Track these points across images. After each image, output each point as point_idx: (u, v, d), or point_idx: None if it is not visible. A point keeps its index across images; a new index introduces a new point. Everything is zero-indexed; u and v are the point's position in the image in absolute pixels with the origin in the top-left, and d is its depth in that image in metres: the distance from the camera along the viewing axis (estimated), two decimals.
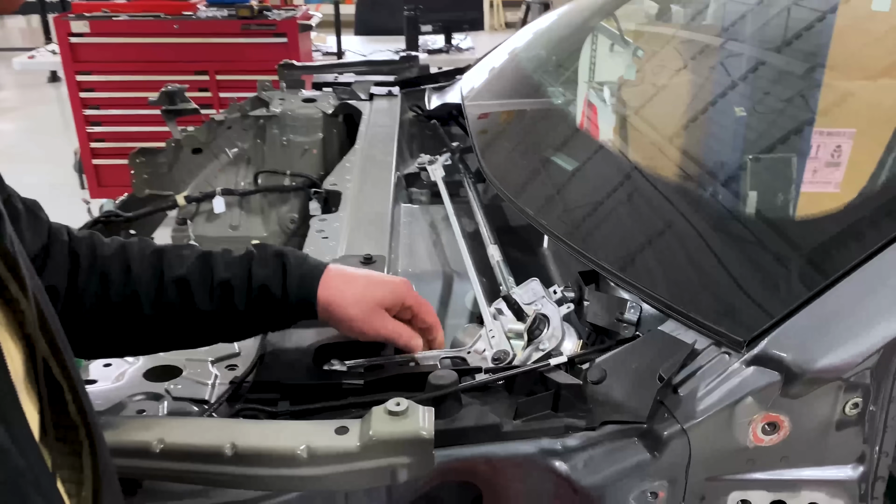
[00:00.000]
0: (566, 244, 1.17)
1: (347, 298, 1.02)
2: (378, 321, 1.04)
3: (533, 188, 1.44)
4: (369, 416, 0.87)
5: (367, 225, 1.47)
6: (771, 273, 0.98)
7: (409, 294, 1.08)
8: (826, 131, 1.29)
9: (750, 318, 0.93)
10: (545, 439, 0.93)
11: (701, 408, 0.89)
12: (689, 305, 0.97)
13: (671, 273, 1.08)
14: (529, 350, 1.06)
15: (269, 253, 1.03)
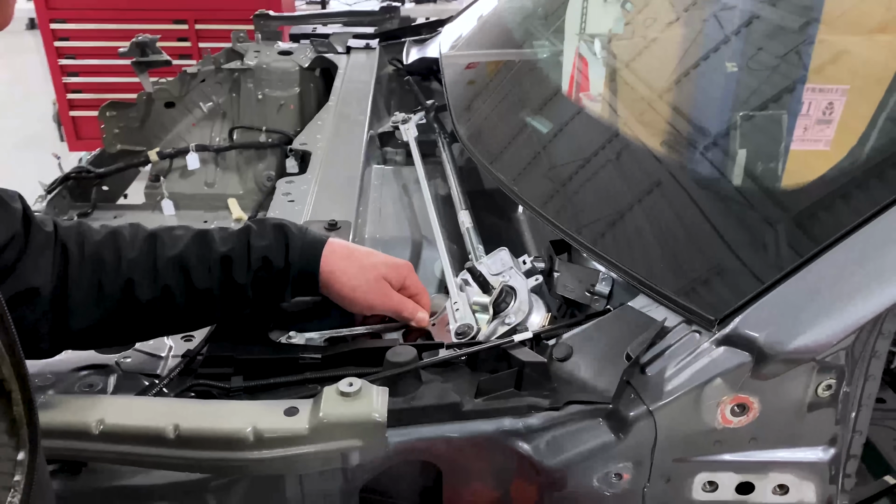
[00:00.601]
0: (537, 213, 1.12)
1: (353, 269, 1.00)
2: (383, 293, 1.02)
3: (507, 152, 1.38)
4: (320, 396, 0.84)
5: (336, 188, 1.42)
6: (745, 249, 0.93)
7: (410, 276, 1.06)
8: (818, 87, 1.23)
9: (722, 296, 0.89)
10: (507, 419, 0.90)
11: (668, 389, 0.85)
12: (661, 281, 0.93)
13: (643, 246, 1.03)
14: (495, 324, 1.02)
15: (268, 225, 1.00)
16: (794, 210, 0.96)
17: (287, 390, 0.95)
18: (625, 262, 0.97)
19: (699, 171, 1.11)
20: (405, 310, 1.04)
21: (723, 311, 0.85)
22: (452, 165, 1.49)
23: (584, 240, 1.03)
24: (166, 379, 0.97)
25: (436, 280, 1.27)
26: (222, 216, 2.39)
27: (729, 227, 0.95)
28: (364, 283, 1.00)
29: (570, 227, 1.06)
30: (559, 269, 1.09)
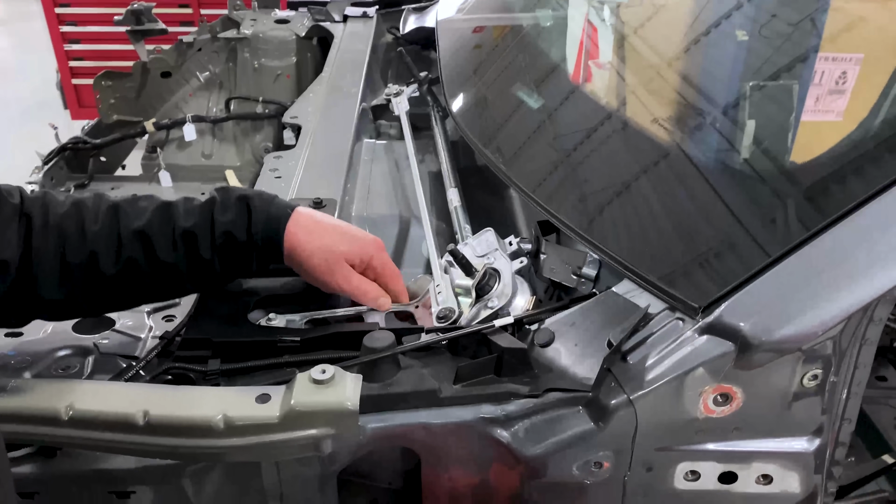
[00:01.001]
0: (524, 192, 1.09)
1: (312, 245, 0.97)
2: (341, 275, 0.99)
3: (497, 129, 1.35)
4: (293, 383, 0.82)
5: (324, 164, 1.39)
6: (731, 235, 0.90)
7: (377, 255, 1.02)
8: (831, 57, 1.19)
9: (707, 283, 0.86)
10: (486, 406, 0.88)
11: (649, 377, 0.83)
12: (645, 266, 0.90)
13: (629, 230, 1.00)
14: (477, 308, 1.00)
15: (232, 197, 0.97)
16: (783, 195, 0.92)
17: (264, 374, 0.93)
18: (610, 246, 0.95)
19: (686, 153, 1.07)
20: (363, 296, 1.00)
21: (707, 299, 0.83)
22: (444, 141, 1.46)
23: (570, 222, 1.01)
24: (143, 361, 0.96)
25: (423, 260, 1.25)
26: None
27: (715, 212, 0.92)
28: (322, 262, 0.97)
29: (556, 209, 1.03)
30: (546, 250, 1.06)
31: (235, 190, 0.99)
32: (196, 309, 1.03)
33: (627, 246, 0.96)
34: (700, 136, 1.08)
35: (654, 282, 0.88)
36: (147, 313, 1.10)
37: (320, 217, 1.01)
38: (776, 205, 0.91)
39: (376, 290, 1.01)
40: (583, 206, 1.06)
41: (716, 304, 0.82)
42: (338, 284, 0.99)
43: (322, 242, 0.98)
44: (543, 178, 1.13)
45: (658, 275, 0.88)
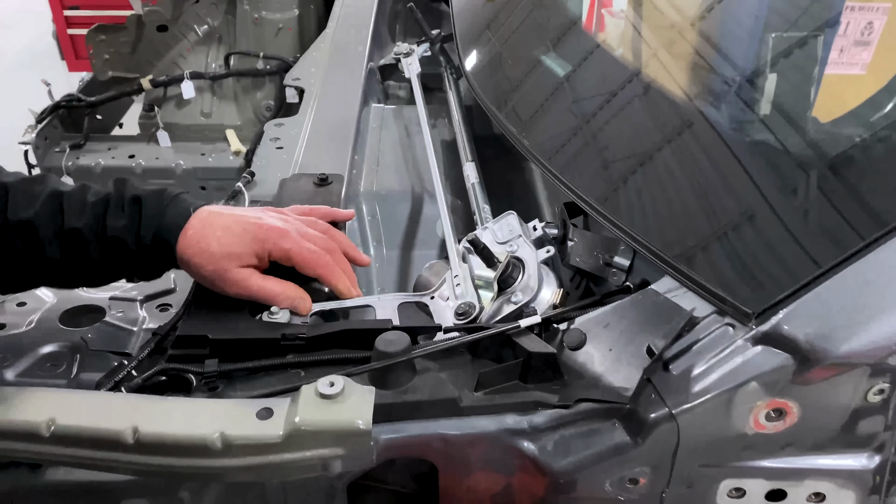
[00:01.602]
0: (550, 172, 0.98)
1: (203, 253, 0.88)
2: (235, 281, 0.89)
3: (520, 97, 1.23)
4: (297, 396, 0.74)
5: (329, 132, 1.29)
6: (791, 231, 0.80)
7: (276, 246, 0.90)
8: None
9: (762, 285, 0.77)
10: (510, 416, 0.80)
11: (695, 390, 0.74)
12: (690, 262, 0.80)
13: (673, 220, 0.89)
14: (500, 302, 0.91)
15: (126, 197, 0.89)
16: (854, 190, 0.82)
17: (267, 376, 0.85)
18: (650, 238, 0.84)
19: (745, 131, 0.95)
20: (272, 300, 0.91)
21: (762, 304, 0.73)
22: (459, 106, 1.35)
23: (604, 208, 0.90)
24: (134, 361, 0.88)
25: (437, 240, 1.16)
26: (220, 148, 2.28)
27: (774, 204, 0.82)
28: (213, 271, 0.89)
29: (587, 192, 0.92)
30: (573, 237, 0.97)
31: (132, 188, 0.90)
32: (191, 300, 0.94)
33: (669, 238, 0.86)
34: (763, 108, 0.96)
35: (701, 281, 0.78)
36: (140, 302, 1.02)
37: (216, 218, 0.91)
38: (845, 200, 0.81)
39: (288, 293, 0.91)
40: (617, 191, 0.95)
41: (772, 310, 0.73)
42: (237, 291, 0.90)
43: (210, 248, 0.88)
44: (572, 156, 1.02)
45: (705, 273, 0.79)
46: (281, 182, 1.12)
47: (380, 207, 1.16)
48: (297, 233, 0.93)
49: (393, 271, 1.13)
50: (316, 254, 0.92)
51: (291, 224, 0.95)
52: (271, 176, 1.16)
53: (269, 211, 0.98)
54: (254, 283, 0.90)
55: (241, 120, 2.33)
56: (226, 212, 0.93)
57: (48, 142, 2.26)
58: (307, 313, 0.93)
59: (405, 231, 1.17)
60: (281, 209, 1.00)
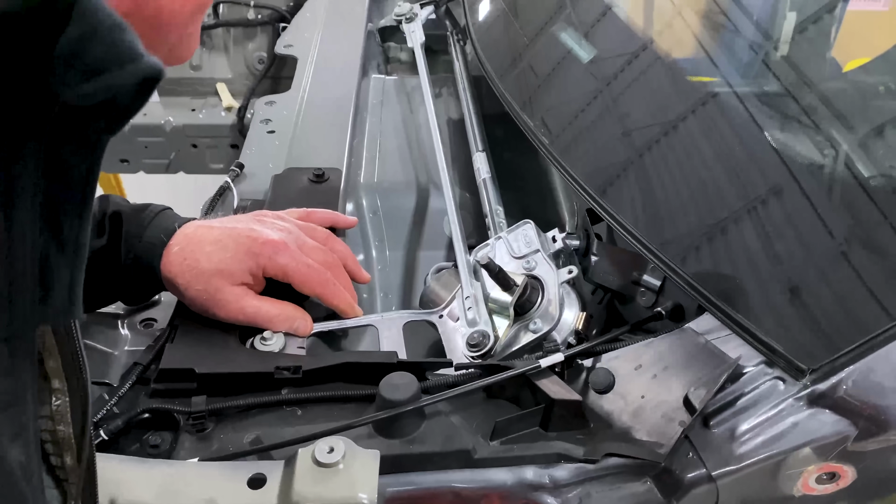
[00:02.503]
0: (572, 180, 0.87)
1: (190, 271, 0.79)
2: (230, 299, 0.80)
3: (541, 83, 1.10)
4: (293, 464, 0.66)
5: (325, 112, 1.17)
6: (865, 276, 0.69)
7: (272, 261, 0.81)
8: None
9: (821, 337, 0.68)
10: (529, 468, 0.72)
11: (739, 453, 0.66)
12: (738, 302, 0.71)
13: (719, 253, 0.78)
14: (516, 329, 0.82)
15: (106, 215, 0.81)
16: None
17: (260, 413, 0.78)
18: (691, 271, 0.74)
19: (817, 151, 0.83)
20: (268, 324, 0.82)
21: (820, 360, 0.64)
22: (466, 79, 1.22)
23: (633, 227, 0.80)
24: (116, 398, 0.79)
25: (445, 240, 1.06)
26: (212, 103, 2.14)
27: (847, 243, 0.71)
28: (201, 292, 0.80)
29: (619, 212, 0.81)
30: (598, 251, 0.87)
31: (113, 202, 0.83)
32: (173, 328, 0.85)
33: (715, 273, 0.75)
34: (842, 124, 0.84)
35: (749, 326, 0.69)
36: (120, 319, 0.93)
37: (205, 232, 0.81)
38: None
39: (285, 313, 0.82)
40: (656, 213, 0.84)
41: (831, 367, 0.64)
42: (230, 316, 0.81)
43: (198, 265, 0.79)
44: (602, 164, 0.91)
45: (754, 317, 0.69)
46: (273, 179, 1.02)
47: (381, 202, 1.06)
48: (295, 245, 0.83)
49: (397, 275, 1.03)
50: (315, 271, 0.83)
51: (289, 235, 0.85)
52: (262, 167, 1.06)
53: (264, 216, 0.88)
54: (248, 305, 0.81)
55: (232, 73, 2.19)
56: (215, 225, 0.83)
57: None
58: (307, 334, 0.84)
59: (410, 228, 1.07)
60: (278, 213, 0.90)
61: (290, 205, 0.97)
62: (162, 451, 0.76)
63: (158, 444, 0.77)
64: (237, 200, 1.02)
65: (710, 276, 0.74)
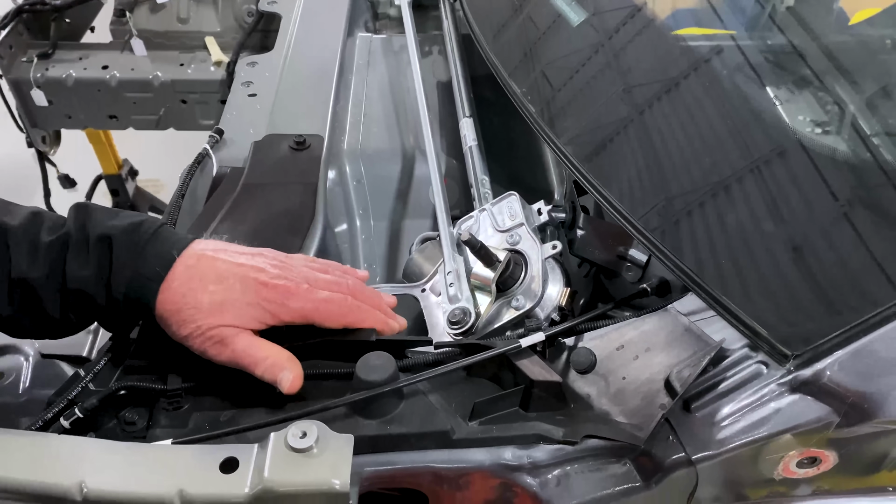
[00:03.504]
0: (558, 152, 0.84)
1: (188, 310, 0.70)
2: (224, 336, 0.71)
3: (531, 47, 1.06)
4: (266, 447, 0.65)
5: (309, 74, 1.14)
6: (853, 263, 0.67)
7: (285, 308, 0.72)
8: None
9: (807, 322, 0.66)
10: (508, 449, 0.71)
11: (719, 437, 0.65)
12: (722, 284, 0.69)
13: (708, 231, 0.74)
14: (499, 306, 0.81)
15: (92, 238, 0.71)
16: None
17: (236, 392, 0.77)
18: (676, 249, 0.72)
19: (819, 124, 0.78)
20: (249, 368, 0.72)
21: (804, 345, 0.63)
22: (455, 41, 1.18)
23: (625, 209, 0.76)
24: (90, 374, 0.78)
25: (432, 208, 1.03)
26: (200, 58, 2.09)
27: (837, 225, 0.68)
28: (195, 328, 0.71)
29: (605, 186, 0.78)
30: (584, 225, 0.85)
31: (98, 221, 0.72)
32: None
33: (701, 253, 0.73)
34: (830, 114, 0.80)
35: (733, 308, 0.67)
36: None
37: (208, 265, 0.72)
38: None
39: (271, 359, 0.71)
40: (639, 183, 0.81)
41: (815, 353, 0.62)
42: (215, 355, 0.72)
43: (199, 303, 0.70)
44: (588, 134, 0.87)
45: (739, 299, 0.67)
46: (253, 146, 0.99)
47: (366, 169, 1.03)
48: (304, 282, 0.74)
49: (381, 246, 1.01)
50: (334, 303, 0.74)
51: (296, 272, 0.75)
52: (242, 133, 1.03)
53: (266, 251, 0.77)
54: (239, 343, 0.71)
55: (220, 26, 2.14)
56: (220, 256, 0.73)
57: (13, 51, 2.08)
58: (292, 391, 0.73)
59: (395, 197, 1.04)
60: (288, 256, 0.78)
61: (270, 173, 0.94)
62: (138, 427, 0.75)
63: (135, 421, 0.76)
64: (216, 168, 0.99)
65: (694, 256, 0.72)
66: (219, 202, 0.94)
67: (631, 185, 0.79)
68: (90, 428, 0.76)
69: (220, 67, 2.05)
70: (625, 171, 0.80)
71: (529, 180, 1.06)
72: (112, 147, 2.44)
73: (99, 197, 2.43)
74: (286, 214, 0.92)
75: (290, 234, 0.91)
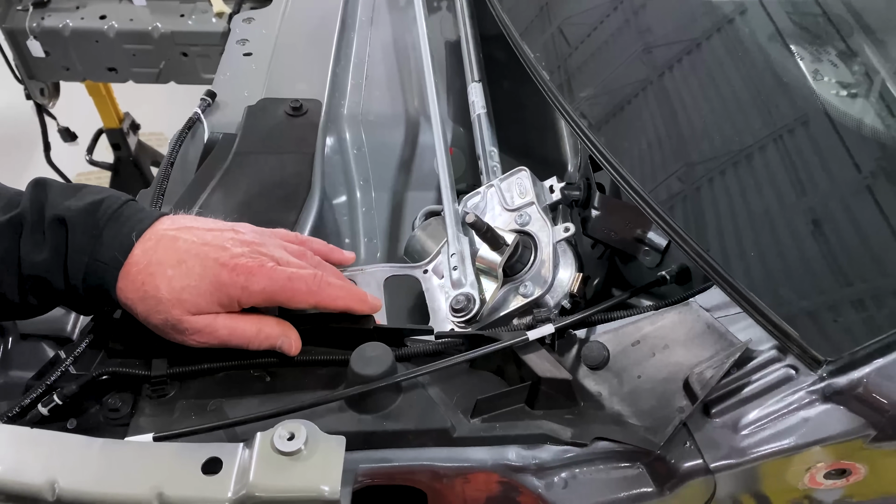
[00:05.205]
0: (575, 126, 0.77)
1: (150, 299, 0.65)
2: (198, 328, 0.67)
3: (544, 4, 0.97)
4: (253, 445, 0.60)
5: (308, 32, 1.07)
6: None
7: (246, 291, 0.66)
8: None
9: (841, 327, 0.60)
10: (512, 449, 0.67)
11: (741, 445, 0.60)
12: (750, 277, 0.63)
13: (729, 214, 0.67)
14: (505, 292, 0.75)
15: (47, 219, 0.66)
16: None
17: (226, 378, 0.72)
18: (699, 238, 0.66)
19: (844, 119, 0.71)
20: (245, 345, 0.69)
21: (839, 351, 0.57)
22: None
23: (645, 191, 0.69)
24: (71, 358, 0.73)
25: (434, 180, 0.97)
26: (202, 8, 2.01)
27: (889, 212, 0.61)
28: (163, 321, 0.67)
29: (624, 164, 0.71)
30: (599, 205, 0.79)
31: (54, 201, 0.67)
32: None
33: (727, 242, 0.66)
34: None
35: (760, 305, 0.61)
36: None
37: (168, 246, 0.66)
38: None
39: (264, 332, 0.69)
40: (660, 162, 0.74)
41: (851, 357, 0.57)
42: (202, 343, 0.68)
43: (158, 293, 0.65)
44: (606, 106, 0.80)
45: (768, 295, 0.61)
46: (246, 111, 0.93)
47: (367, 136, 0.97)
48: (271, 260, 0.69)
49: (383, 218, 0.95)
50: (301, 280, 0.68)
51: (263, 250, 0.70)
52: (236, 96, 0.97)
53: (241, 226, 0.72)
54: (220, 328, 0.67)
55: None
56: (182, 236, 0.67)
57: None
58: (297, 352, 0.71)
59: (398, 166, 0.98)
60: (263, 230, 0.74)
61: (264, 141, 0.88)
62: (122, 414, 0.71)
63: (118, 408, 0.71)
64: (207, 134, 0.93)
65: (719, 245, 0.66)
66: (209, 172, 0.88)
67: (653, 165, 0.73)
68: (71, 414, 0.71)
69: (222, 19, 1.97)
70: (646, 149, 0.74)
71: (541, 150, 1.00)
72: (113, 100, 2.37)
73: (101, 151, 2.37)
74: (281, 186, 0.86)
75: (284, 208, 0.86)
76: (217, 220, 0.73)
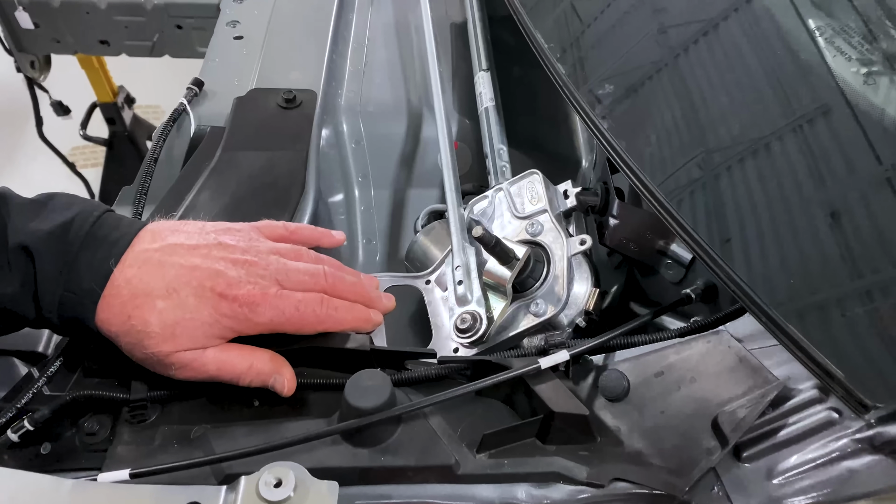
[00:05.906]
0: (593, 128, 0.70)
1: (136, 333, 0.59)
2: (185, 361, 0.61)
3: None
4: (236, 489, 0.55)
5: (303, 15, 0.99)
6: None
7: (249, 324, 0.61)
8: None
9: (892, 369, 0.53)
10: (521, 486, 0.61)
11: (775, 495, 0.54)
12: (789, 307, 0.56)
13: (773, 238, 0.59)
14: (515, 308, 0.69)
15: (12, 244, 0.59)
16: None
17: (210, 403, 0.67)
18: (732, 259, 0.59)
19: None
20: (235, 380, 0.63)
21: (893, 396, 0.51)
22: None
23: (671, 203, 0.63)
24: (43, 379, 0.68)
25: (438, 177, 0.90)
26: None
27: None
28: (150, 356, 0.61)
29: (646, 171, 0.65)
30: (618, 213, 0.72)
31: (17, 226, 0.60)
32: None
33: (764, 265, 0.59)
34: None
35: (799, 338, 0.54)
36: None
37: (153, 272, 0.60)
38: None
39: (255, 368, 0.62)
40: (691, 172, 0.66)
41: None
42: (190, 377, 0.62)
43: (147, 328, 0.59)
44: (630, 107, 0.72)
45: (809, 328, 0.55)
46: (235, 102, 0.86)
47: (366, 129, 0.90)
48: (275, 284, 0.63)
49: (383, 218, 0.89)
50: (310, 306, 0.63)
51: (261, 268, 0.63)
52: (226, 84, 0.90)
53: (227, 235, 0.65)
54: (210, 363, 0.62)
55: None
56: (168, 259, 0.61)
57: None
58: (290, 393, 0.64)
59: (399, 161, 0.91)
60: (253, 225, 0.68)
61: (253, 134, 0.82)
62: (100, 439, 0.66)
63: (96, 432, 0.66)
64: (194, 126, 0.87)
65: (753, 267, 0.59)
66: (196, 169, 0.82)
67: (679, 173, 0.66)
68: (45, 438, 0.66)
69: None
70: (672, 155, 0.67)
71: (553, 143, 0.93)
72: (106, 73, 2.29)
73: (95, 125, 2.29)
74: (272, 187, 0.80)
75: (276, 209, 0.80)
76: (203, 227, 0.67)
